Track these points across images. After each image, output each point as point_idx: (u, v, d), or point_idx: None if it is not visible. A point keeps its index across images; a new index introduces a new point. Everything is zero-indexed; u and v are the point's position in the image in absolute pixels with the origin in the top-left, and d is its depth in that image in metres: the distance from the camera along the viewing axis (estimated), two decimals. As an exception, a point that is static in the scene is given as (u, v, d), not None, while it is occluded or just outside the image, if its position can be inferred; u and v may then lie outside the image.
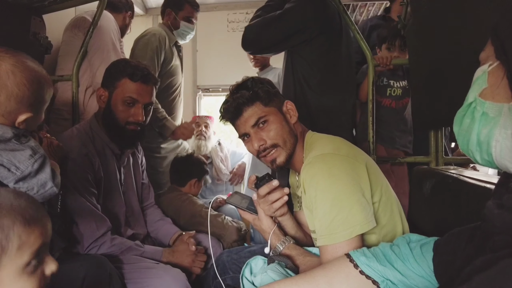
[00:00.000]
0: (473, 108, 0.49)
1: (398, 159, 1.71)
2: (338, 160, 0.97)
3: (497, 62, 0.47)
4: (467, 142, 0.50)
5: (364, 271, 0.75)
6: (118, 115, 1.32)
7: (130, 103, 1.33)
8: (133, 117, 1.33)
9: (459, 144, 0.52)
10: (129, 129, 1.35)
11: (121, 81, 1.32)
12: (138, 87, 1.33)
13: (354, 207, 0.91)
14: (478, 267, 0.47)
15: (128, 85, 1.32)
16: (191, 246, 1.45)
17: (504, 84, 0.46)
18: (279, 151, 1.09)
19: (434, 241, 0.72)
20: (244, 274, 1.05)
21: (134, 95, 1.32)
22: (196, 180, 2.04)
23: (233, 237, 1.72)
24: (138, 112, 1.33)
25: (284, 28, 1.56)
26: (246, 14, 3.33)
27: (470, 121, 0.50)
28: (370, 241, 0.98)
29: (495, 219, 0.48)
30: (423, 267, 0.70)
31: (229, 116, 1.12)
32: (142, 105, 1.34)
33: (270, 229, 1.11)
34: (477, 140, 0.48)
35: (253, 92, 1.08)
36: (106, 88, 1.34)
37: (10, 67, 0.84)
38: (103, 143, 1.38)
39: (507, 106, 0.45)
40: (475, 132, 0.48)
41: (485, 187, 0.85)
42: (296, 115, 1.14)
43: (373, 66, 1.68)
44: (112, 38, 1.97)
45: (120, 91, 1.32)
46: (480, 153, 0.49)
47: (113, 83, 1.33)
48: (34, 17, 1.65)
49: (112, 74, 1.35)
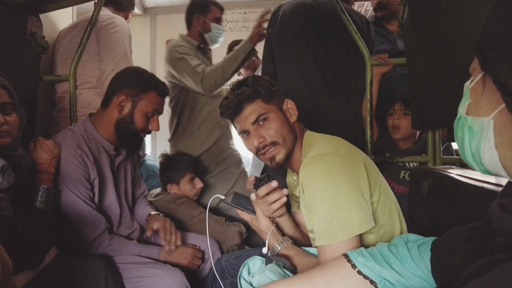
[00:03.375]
0: (461, 123, 0.52)
1: (396, 159, 1.71)
2: (337, 160, 0.97)
3: (479, 75, 0.49)
4: (464, 153, 0.53)
5: (362, 271, 0.75)
6: (137, 124, 1.37)
7: (151, 115, 1.39)
8: (150, 127, 1.41)
9: (460, 153, 0.55)
10: (140, 137, 1.42)
11: (148, 94, 1.37)
12: (162, 101, 1.43)
13: (353, 207, 0.91)
14: (476, 271, 0.47)
15: (156, 98, 1.39)
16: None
17: (485, 98, 0.48)
18: (278, 149, 1.08)
19: (431, 241, 0.72)
20: (242, 275, 1.04)
21: (159, 108, 1.41)
22: (172, 185, 1.86)
23: (235, 241, 1.71)
24: (156, 123, 1.42)
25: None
26: (244, 14, 3.33)
27: (461, 135, 0.52)
28: (368, 241, 0.98)
29: (496, 220, 0.49)
30: (420, 267, 0.70)
31: (229, 112, 1.12)
32: (158, 116, 1.43)
33: (268, 229, 1.11)
34: (470, 152, 0.51)
35: (254, 89, 1.08)
36: (130, 97, 1.36)
37: None
38: (98, 144, 1.38)
39: (487, 120, 0.48)
40: (467, 144, 0.51)
41: (483, 187, 0.85)
42: (296, 114, 1.14)
43: (370, 66, 1.68)
44: (125, 47, 1.99)
45: (145, 103, 1.37)
46: (476, 163, 0.51)
47: (138, 93, 1.36)
48: (31, 16, 1.64)
49: (136, 84, 1.37)
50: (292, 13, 1.75)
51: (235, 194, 1.24)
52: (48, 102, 1.99)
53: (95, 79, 1.97)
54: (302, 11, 1.75)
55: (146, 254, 1.37)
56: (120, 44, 1.96)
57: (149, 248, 1.41)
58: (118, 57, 1.93)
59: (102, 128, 1.39)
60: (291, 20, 1.74)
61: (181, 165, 1.87)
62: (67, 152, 1.27)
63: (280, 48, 1.77)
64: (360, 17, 1.82)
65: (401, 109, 1.73)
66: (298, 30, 1.73)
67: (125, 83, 1.37)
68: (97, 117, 1.42)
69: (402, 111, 1.73)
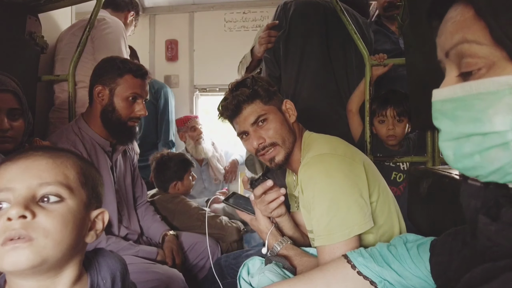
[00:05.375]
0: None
1: (395, 159, 1.71)
2: (336, 160, 0.97)
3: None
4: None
5: (361, 271, 0.75)
6: (121, 112, 1.34)
7: (133, 99, 1.35)
8: (137, 113, 1.36)
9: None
10: (129, 125, 1.38)
11: (123, 78, 1.34)
12: (141, 83, 1.37)
13: (352, 208, 0.91)
14: (479, 276, 0.46)
15: (132, 81, 1.34)
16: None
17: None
18: (278, 150, 1.08)
19: (430, 241, 0.72)
20: (241, 275, 1.04)
21: (138, 91, 1.36)
22: (177, 182, 1.91)
23: (233, 237, 1.71)
24: (141, 107, 1.37)
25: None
26: (243, 14, 3.33)
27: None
28: (367, 241, 0.98)
29: (492, 236, 0.46)
30: (419, 268, 0.70)
31: (228, 113, 1.12)
32: (143, 100, 1.38)
33: (268, 229, 1.11)
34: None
35: (253, 90, 1.08)
36: (106, 86, 1.34)
37: None
38: (93, 142, 1.38)
39: None
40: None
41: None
42: (295, 115, 1.14)
43: (370, 66, 1.68)
44: (120, 47, 1.96)
45: (123, 88, 1.34)
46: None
47: (113, 79, 1.33)
48: (29, 16, 1.64)
49: (109, 70, 1.35)
50: (302, 15, 1.74)
51: (235, 195, 1.24)
52: (48, 103, 1.98)
53: (89, 78, 1.96)
54: (311, 12, 1.75)
55: (143, 254, 1.36)
56: (115, 44, 1.94)
57: (146, 249, 1.40)
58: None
59: (94, 124, 1.39)
60: (302, 21, 1.74)
61: (184, 162, 1.93)
62: None
63: (288, 49, 1.76)
64: (360, 18, 1.83)
65: (395, 115, 1.62)
66: (308, 32, 1.73)
67: (100, 73, 1.36)
68: (88, 114, 1.42)
69: (396, 118, 1.62)
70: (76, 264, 0.60)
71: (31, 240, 0.51)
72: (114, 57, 1.41)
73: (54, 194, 0.56)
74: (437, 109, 0.49)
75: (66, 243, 0.55)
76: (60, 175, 0.58)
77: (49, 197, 0.55)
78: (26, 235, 0.51)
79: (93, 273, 0.64)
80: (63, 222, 0.55)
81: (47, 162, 0.58)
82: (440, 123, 0.48)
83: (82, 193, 0.60)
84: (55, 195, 0.56)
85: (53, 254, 0.53)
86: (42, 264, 0.52)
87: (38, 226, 0.52)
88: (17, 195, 0.53)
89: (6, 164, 0.57)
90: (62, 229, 0.54)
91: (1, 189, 0.54)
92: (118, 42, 1.96)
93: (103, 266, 0.66)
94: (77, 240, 0.58)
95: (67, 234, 0.55)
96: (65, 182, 0.58)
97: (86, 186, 0.61)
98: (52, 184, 0.56)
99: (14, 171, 0.56)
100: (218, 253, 1.61)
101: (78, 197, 0.59)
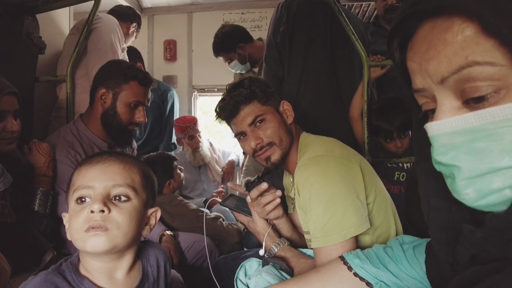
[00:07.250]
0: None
1: (393, 160, 1.71)
2: (332, 161, 0.98)
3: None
4: None
5: (358, 273, 0.75)
6: (122, 117, 1.35)
7: (134, 106, 1.37)
8: (137, 119, 1.38)
9: None
10: (129, 129, 1.40)
11: (128, 84, 1.35)
12: (145, 91, 1.39)
13: (348, 209, 0.91)
14: (467, 279, 0.46)
15: (137, 88, 1.36)
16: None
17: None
18: (274, 149, 1.08)
19: (426, 242, 0.72)
20: (239, 277, 1.04)
21: (141, 99, 1.38)
22: (169, 181, 1.94)
23: (234, 239, 1.71)
24: (142, 114, 1.39)
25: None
26: (242, 14, 3.33)
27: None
28: (364, 242, 0.98)
29: (479, 242, 0.44)
30: (416, 269, 0.70)
31: (226, 114, 1.12)
32: (144, 107, 1.39)
33: (265, 231, 1.11)
34: None
35: (251, 91, 1.08)
36: (110, 89, 1.34)
37: None
38: (91, 143, 1.38)
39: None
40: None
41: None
42: (292, 115, 1.14)
43: (368, 67, 1.69)
44: (111, 39, 1.94)
45: (127, 94, 1.35)
46: None
47: (118, 84, 1.34)
48: (27, 16, 1.63)
49: (115, 75, 1.35)
50: (307, 15, 1.74)
51: (232, 197, 1.24)
52: (48, 103, 1.97)
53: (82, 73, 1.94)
54: (316, 13, 1.75)
55: None
56: (104, 36, 1.90)
57: None
58: (103, 49, 1.87)
59: (92, 126, 1.39)
60: (307, 21, 1.73)
61: (167, 160, 1.96)
62: (60, 154, 1.27)
63: (292, 50, 1.76)
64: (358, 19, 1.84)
65: (400, 136, 1.65)
66: (313, 33, 1.73)
67: (105, 76, 1.37)
68: (87, 115, 1.42)
69: (402, 137, 1.66)
70: (133, 252, 0.73)
71: (107, 230, 0.65)
72: (121, 61, 1.43)
73: (124, 194, 0.69)
74: (444, 144, 0.42)
75: (130, 234, 0.68)
76: (128, 178, 0.71)
77: (120, 196, 0.69)
78: (104, 226, 0.65)
79: (144, 260, 0.77)
80: (130, 218, 0.68)
81: (119, 167, 0.71)
82: (454, 159, 0.41)
83: (143, 194, 0.73)
84: (125, 195, 0.69)
85: (121, 242, 0.67)
86: (113, 249, 0.66)
87: (112, 220, 0.66)
88: (97, 193, 0.67)
89: (87, 166, 0.71)
90: (129, 223, 0.68)
91: (84, 186, 0.68)
92: (109, 34, 1.93)
93: (151, 256, 0.80)
94: (138, 233, 0.72)
95: (132, 227, 0.69)
96: (132, 184, 0.71)
97: (146, 188, 0.75)
98: (123, 186, 0.69)
99: (94, 173, 0.70)
100: (216, 252, 1.61)
101: (141, 197, 0.72)
